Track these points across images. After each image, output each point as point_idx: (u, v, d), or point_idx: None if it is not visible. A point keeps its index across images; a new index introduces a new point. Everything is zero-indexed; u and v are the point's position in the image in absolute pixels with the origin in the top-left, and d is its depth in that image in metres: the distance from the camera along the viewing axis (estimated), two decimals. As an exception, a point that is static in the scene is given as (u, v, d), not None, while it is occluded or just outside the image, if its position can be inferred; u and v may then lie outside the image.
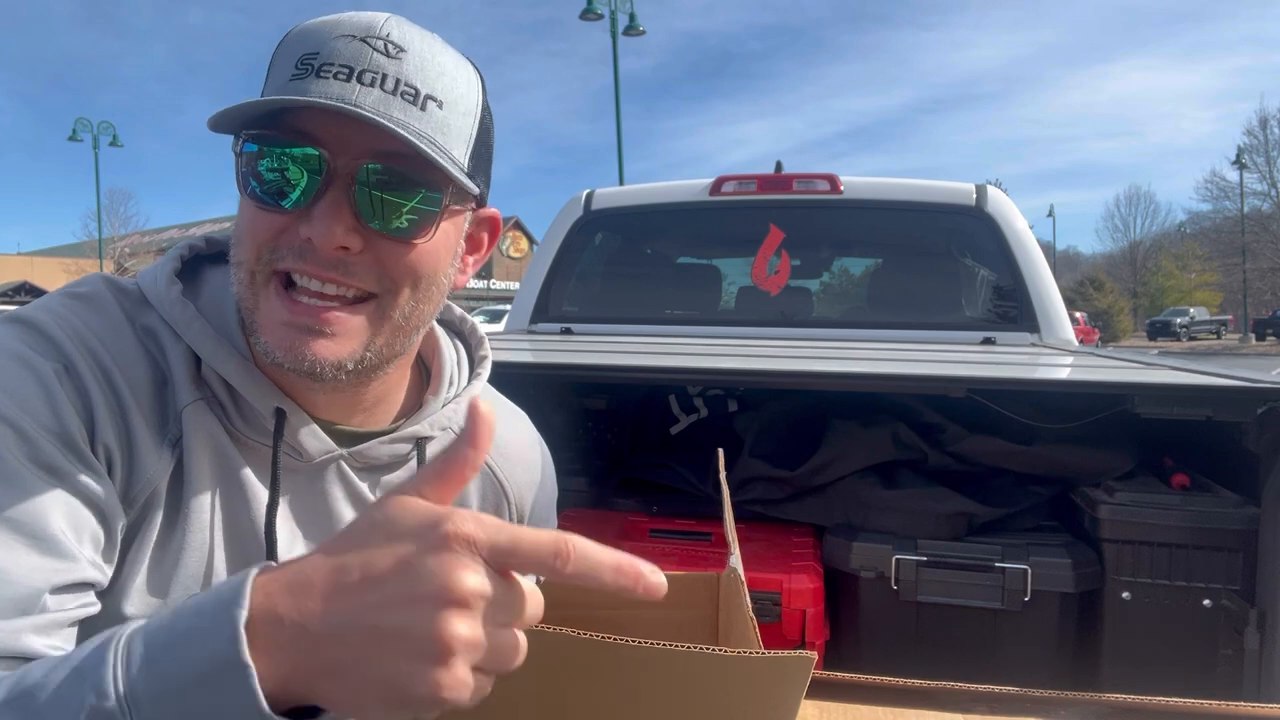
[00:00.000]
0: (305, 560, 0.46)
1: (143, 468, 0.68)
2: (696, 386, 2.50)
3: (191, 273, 0.78)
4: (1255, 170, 38.63)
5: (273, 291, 0.67)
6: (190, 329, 0.71)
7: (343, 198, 0.65)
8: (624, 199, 3.24)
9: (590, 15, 16.06)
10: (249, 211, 0.68)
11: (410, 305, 0.71)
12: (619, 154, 16.52)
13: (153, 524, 0.69)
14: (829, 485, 2.01)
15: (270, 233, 0.67)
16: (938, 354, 2.25)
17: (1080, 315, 29.63)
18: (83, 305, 0.70)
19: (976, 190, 2.92)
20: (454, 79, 0.69)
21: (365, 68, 0.64)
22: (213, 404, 0.72)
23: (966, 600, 1.74)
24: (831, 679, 1.04)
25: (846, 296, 4.01)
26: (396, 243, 0.68)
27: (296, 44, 0.67)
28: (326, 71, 0.64)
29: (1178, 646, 1.62)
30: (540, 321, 3.08)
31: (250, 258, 0.68)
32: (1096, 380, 1.68)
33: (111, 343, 0.69)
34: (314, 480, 0.77)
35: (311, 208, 0.65)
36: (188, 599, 0.49)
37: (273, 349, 0.68)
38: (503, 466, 0.91)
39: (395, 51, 0.66)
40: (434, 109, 0.67)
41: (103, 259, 34.00)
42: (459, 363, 0.89)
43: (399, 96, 0.65)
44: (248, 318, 0.70)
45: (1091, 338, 26.67)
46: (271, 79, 0.68)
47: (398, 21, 0.68)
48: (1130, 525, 1.66)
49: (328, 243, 0.65)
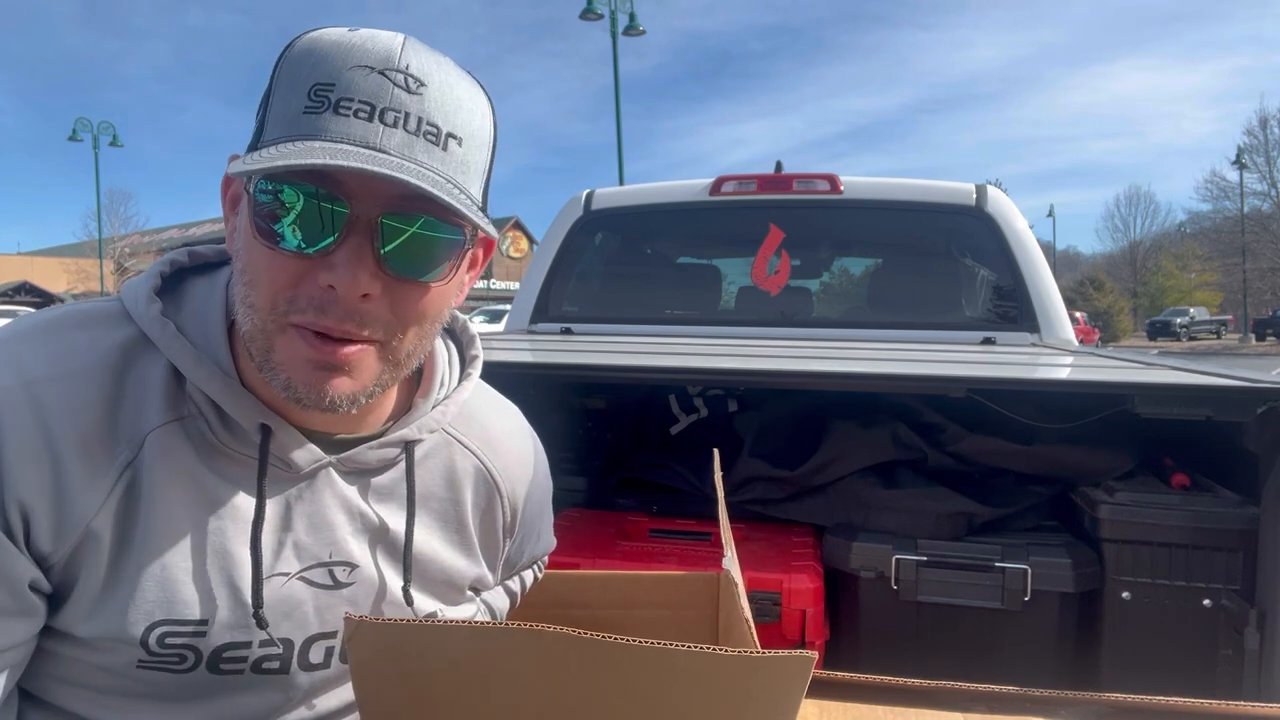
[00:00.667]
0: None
1: (75, 503, 0.66)
2: (696, 386, 2.50)
3: (173, 287, 0.77)
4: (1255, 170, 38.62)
5: (292, 335, 0.67)
6: (171, 348, 0.71)
7: (365, 244, 0.64)
8: (624, 199, 3.24)
9: (590, 15, 16.06)
10: (265, 255, 0.65)
11: (414, 343, 0.72)
12: (619, 154, 16.53)
13: (98, 555, 0.68)
14: (829, 485, 2.01)
15: (288, 279, 0.65)
16: (938, 354, 2.25)
17: (1080, 315, 29.61)
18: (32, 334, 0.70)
19: (976, 190, 2.92)
20: (471, 111, 0.68)
21: (387, 105, 0.63)
22: (194, 421, 0.71)
23: (966, 600, 1.74)
24: (831, 679, 1.04)
25: (846, 296, 4.01)
26: (414, 285, 0.68)
27: (307, 68, 0.65)
28: (345, 108, 0.62)
29: (1178, 646, 1.62)
30: (540, 321, 3.08)
31: (265, 305, 0.66)
32: (1096, 380, 1.68)
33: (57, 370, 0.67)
34: (303, 488, 0.76)
35: (331, 255, 0.64)
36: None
37: (296, 386, 0.67)
38: (494, 460, 0.90)
39: (416, 86, 0.64)
40: (454, 147, 0.66)
41: (103, 259, 33.98)
42: (450, 362, 0.89)
43: (422, 137, 0.64)
44: (260, 356, 0.68)
45: (1091, 338, 26.66)
46: (278, 101, 0.66)
47: (413, 47, 0.66)
48: (1130, 525, 1.66)
49: (352, 291, 0.64)
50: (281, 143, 0.63)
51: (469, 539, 0.89)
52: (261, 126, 0.67)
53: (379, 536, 0.81)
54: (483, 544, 0.90)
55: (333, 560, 0.78)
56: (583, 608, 1.11)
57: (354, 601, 0.79)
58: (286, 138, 0.63)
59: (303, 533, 0.76)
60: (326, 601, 0.78)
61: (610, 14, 16.32)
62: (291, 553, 0.76)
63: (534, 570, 1.08)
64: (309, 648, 0.78)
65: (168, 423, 0.70)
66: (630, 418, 2.53)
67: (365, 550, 0.80)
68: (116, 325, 0.72)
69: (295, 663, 0.77)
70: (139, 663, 0.70)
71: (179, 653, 0.71)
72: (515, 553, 0.97)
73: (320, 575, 0.77)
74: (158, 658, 0.70)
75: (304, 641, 0.77)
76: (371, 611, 0.81)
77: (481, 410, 0.91)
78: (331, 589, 0.78)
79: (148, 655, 0.70)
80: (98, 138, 31.42)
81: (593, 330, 2.97)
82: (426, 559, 0.84)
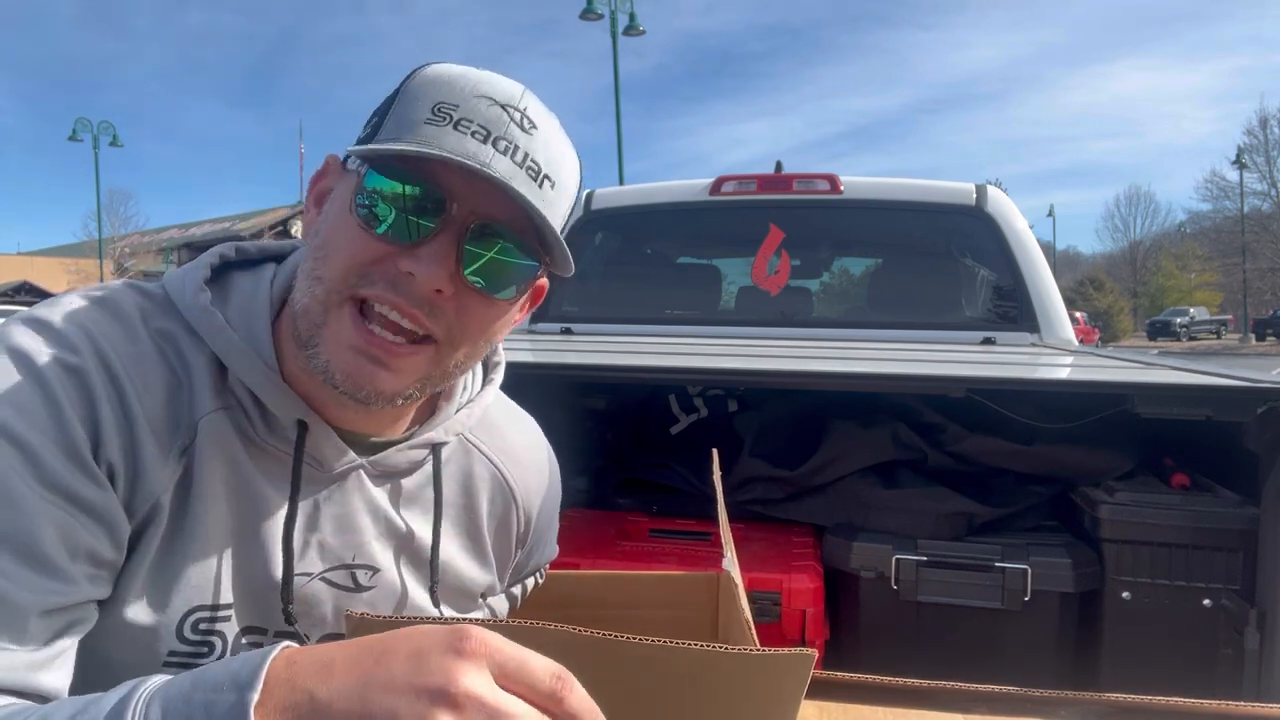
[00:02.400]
0: (334, 645, 0.49)
1: (147, 479, 0.68)
2: (696, 386, 2.50)
3: (220, 280, 0.79)
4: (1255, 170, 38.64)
5: (346, 314, 0.69)
6: (218, 339, 0.72)
7: (451, 244, 0.68)
8: (624, 199, 3.24)
9: (590, 15, 16.07)
10: (352, 233, 0.68)
11: (464, 357, 0.74)
12: (619, 154, 16.53)
13: (155, 534, 0.69)
14: (829, 485, 2.01)
15: (369, 258, 0.68)
16: (938, 354, 2.25)
17: (1080, 315, 29.61)
18: (100, 310, 0.71)
19: (976, 190, 2.92)
20: (566, 165, 0.74)
21: (501, 135, 0.68)
22: (234, 412, 0.73)
23: (966, 600, 1.74)
24: (831, 679, 1.04)
25: (846, 296, 4.02)
26: (483, 298, 0.71)
27: (433, 89, 0.69)
28: (464, 127, 0.67)
29: (1178, 646, 1.62)
30: (540, 321, 3.08)
31: (336, 277, 0.68)
32: (1096, 380, 1.68)
33: (125, 351, 0.69)
34: (333, 489, 0.77)
35: (419, 247, 0.67)
36: (207, 666, 0.51)
37: (334, 370, 0.69)
38: (512, 470, 0.91)
39: (529, 127, 0.69)
40: (548, 188, 0.71)
41: (103, 259, 34.01)
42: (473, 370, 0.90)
43: (524, 170, 0.68)
44: (309, 329, 0.70)
45: (1091, 338, 26.66)
46: (398, 112, 0.69)
47: (533, 98, 0.71)
48: (1130, 525, 1.66)
49: (430, 283, 0.67)
50: (399, 142, 0.67)
51: (483, 547, 0.90)
52: (376, 129, 0.70)
53: (404, 542, 0.82)
54: (496, 552, 0.91)
55: (355, 563, 0.79)
56: (583, 608, 1.11)
57: (373, 605, 0.80)
58: (405, 140, 0.67)
59: (329, 534, 0.77)
60: (346, 603, 0.78)
61: (610, 14, 16.33)
62: (316, 553, 0.77)
63: (536, 577, 1.09)
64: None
65: (215, 410, 0.72)
66: (630, 418, 2.53)
67: (389, 555, 0.81)
68: (162, 313, 0.74)
69: None
70: (169, 656, 0.71)
71: (208, 641, 0.72)
72: (523, 560, 0.98)
73: (342, 577, 0.78)
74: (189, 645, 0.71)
75: (319, 640, 0.78)
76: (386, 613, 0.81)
77: (501, 420, 0.93)
78: (352, 591, 0.79)
79: (180, 644, 0.71)
80: (98, 138, 31.45)
81: (593, 330, 2.97)
82: (444, 565, 0.85)
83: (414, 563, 0.83)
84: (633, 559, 1.79)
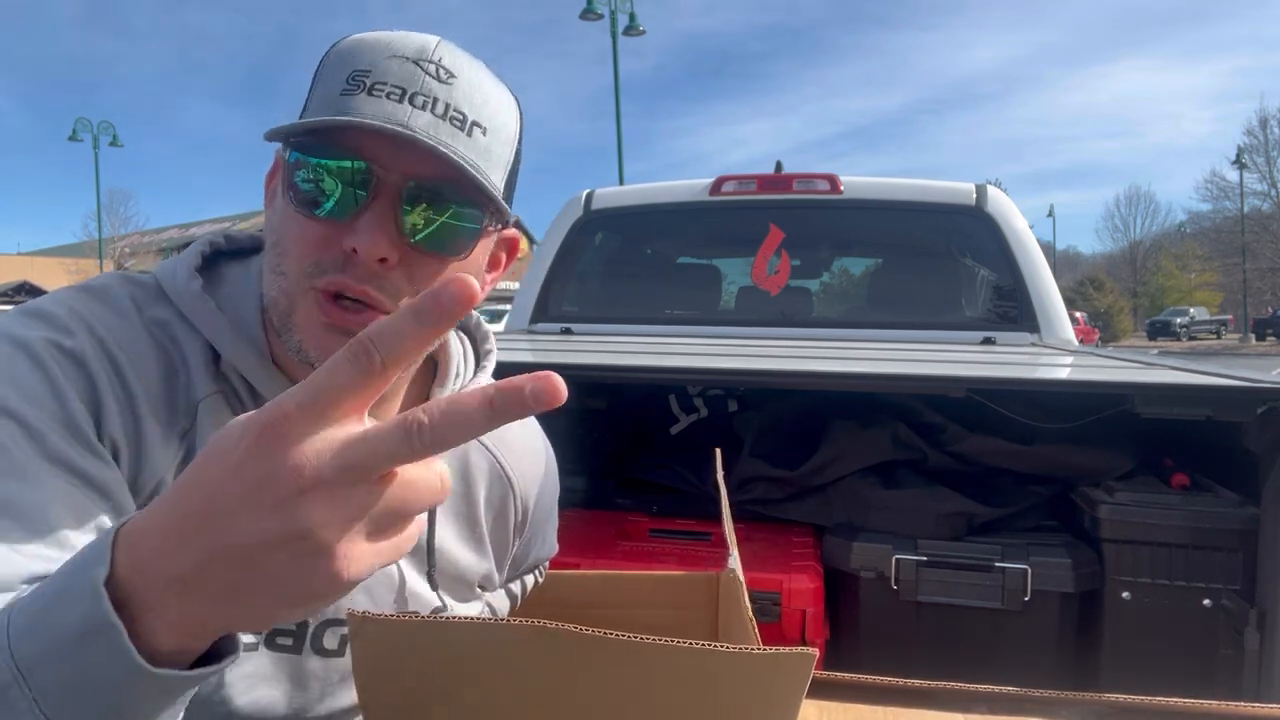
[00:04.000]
0: (155, 503, 0.43)
1: (151, 459, 0.68)
2: (696, 386, 2.50)
3: (210, 269, 0.80)
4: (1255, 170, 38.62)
5: (313, 299, 0.69)
6: (211, 324, 0.73)
7: (388, 211, 0.67)
8: (624, 199, 3.24)
9: (590, 15, 16.06)
10: (293, 220, 0.69)
11: None
12: (619, 154, 16.53)
13: None
14: (829, 485, 2.01)
15: (314, 243, 0.68)
16: (938, 354, 2.25)
17: (1080, 315, 29.61)
18: (92, 297, 0.71)
19: (976, 190, 2.92)
20: (498, 107, 0.72)
21: (417, 90, 0.67)
22: (230, 397, 0.73)
23: (966, 600, 1.74)
24: (831, 679, 1.04)
25: (846, 296, 4.01)
26: (433, 259, 0.70)
27: (347, 59, 0.69)
28: (379, 90, 0.66)
29: (1178, 646, 1.62)
30: (540, 321, 3.08)
31: (293, 270, 0.69)
32: (1096, 380, 1.68)
33: (120, 334, 0.69)
34: None
35: (356, 220, 0.67)
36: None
37: (309, 349, 0.69)
38: (508, 458, 0.91)
39: (446, 77, 0.68)
40: (479, 135, 0.69)
41: (103, 259, 33.99)
42: (465, 356, 0.90)
43: (448, 121, 0.67)
44: (280, 319, 0.70)
45: (1091, 338, 26.66)
46: (318, 89, 0.70)
47: (448, 47, 0.70)
48: (1130, 525, 1.66)
49: (371, 252, 0.66)
50: (318, 118, 0.67)
51: (480, 535, 0.90)
52: (301, 113, 0.70)
53: None
54: (494, 541, 0.91)
55: None
56: (583, 608, 1.11)
57: (370, 590, 0.80)
58: (323, 115, 0.67)
59: None
60: None
61: (610, 14, 16.33)
62: None
63: (535, 574, 1.09)
64: (323, 631, 0.79)
65: (212, 394, 0.72)
66: (630, 418, 2.53)
67: None
68: (155, 302, 0.74)
69: (308, 643, 0.78)
70: None
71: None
72: (521, 553, 0.98)
73: None
74: None
75: (318, 624, 0.78)
76: (385, 603, 0.81)
77: None
78: None
79: None
80: (98, 138, 31.43)
81: (593, 330, 2.97)
82: (441, 552, 0.85)
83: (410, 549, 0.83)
84: (633, 559, 1.79)
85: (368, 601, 0.80)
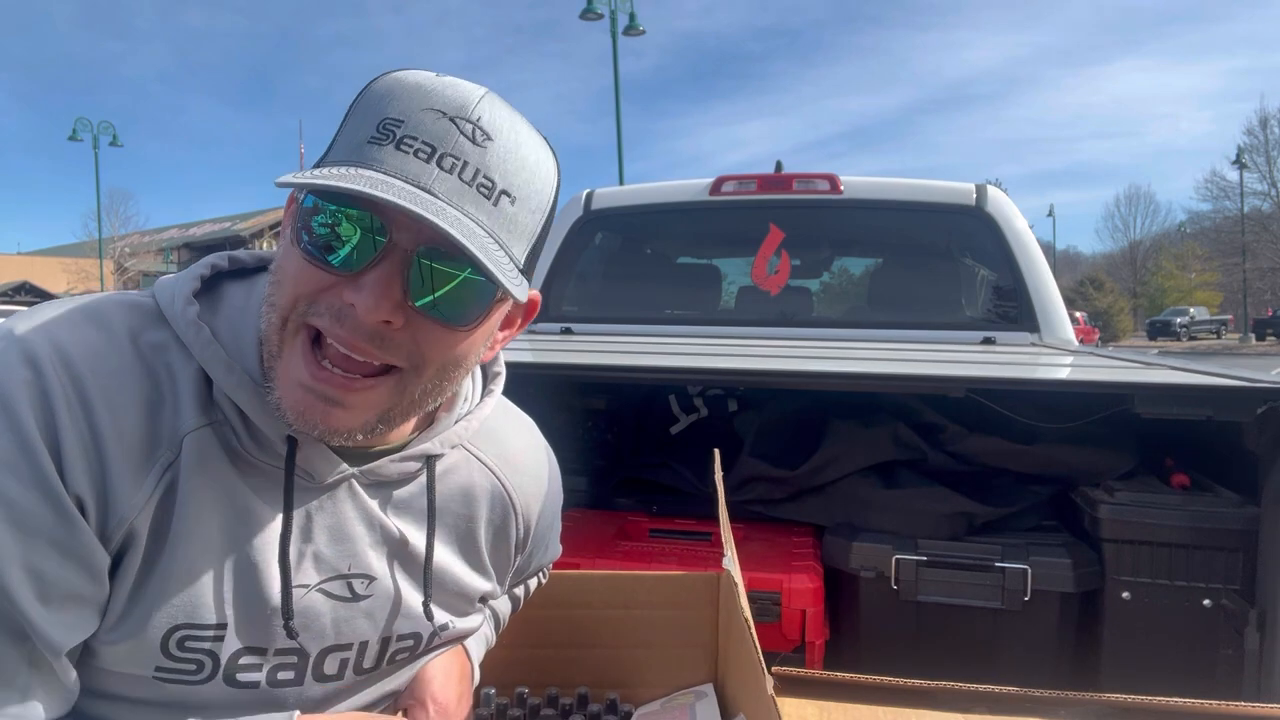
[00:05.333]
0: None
1: (118, 505, 0.66)
2: (696, 386, 2.50)
3: (212, 290, 0.77)
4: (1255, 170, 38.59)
5: (299, 345, 0.67)
6: (205, 353, 0.70)
7: (396, 272, 0.64)
8: (624, 199, 3.24)
9: (590, 15, 16.06)
10: (297, 262, 0.66)
11: (433, 383, 0.71)
12: (619, 154, 16.53)
13: (135, 555, 0.68)
14: (829, 485, 2.01)
15: (313, 287, 0.65)
16: (938, 354, 2.25)
17: (1080, 315, 29.61)
18: (81, 319, 0.69)
19: (976, 190, 2.92)
20: (533, 173, 0.68)
21: (448, 151, 0.64)
22: (221, 427, 0.71)
23: (966, 600, 1.74)
24: (831, 679, 1.04)
25: (846, 296, 4.01)
26: (438, 326, 0.67)
27: (382, 103, 0.66)
28: (408, 145, 0.63)
29: (1178, 646, 1.62)
30: (540, 321, 3.08)
31: (286, 304, 0.66)
32: (1096, 380, 1.68)
33: (100, 363, 0.67)
34: (325, 499, 0.76)
35: (361, 275, 0.64)
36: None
37: (285, 409, 0.67)
38: (511, 478, 0.91)
39: (482, 139, 0.65)
40: (505, 204, 0.66)
41: (103, 259, 33.98)
42: (473, 378, 0.89)
43: (475, 188, 0.64)
44: (269, 360, 0.69)
45: (1091, 338, 26.66)
46: (348, 130, 0.67)
47: (490, 102, 0.67)
48: (1130, 525, 1.66)
49: (373, 315, 0.64)
50: (340, 165, 0.64)
51: (480, 555, 0.89)
52: (329, 148, 0.68)
53: (398, 550, 0.81)
54: (493, 560, 0.91)
55: (351, 573, 0.78)
56: (583, 608, 1.11)
57: (370, 614, 0.80)
58: (346, 162, 0.64)
59: (323, 545, 0.76)
60: (344, 614, 0.78)
61: (610, 14, 16.32)
62: (311, 564, 0.76)
63: (539, 577, 1.09)
64: (324, 659, 0.78)
65: (201, 427, 0.70)
66: (630, 418, 2.53)
67: (384, 563, 0.80)
68: (152, 325, 0.72)
69: (310, 673, 0.78)
70: (156, 671, 0.70)
71: (197, 659, 0.71)
72: (524, 563, 0.98)
73: (338, 588, 0.77)
74: (176, 662, 0.70)
75: (319, 653, 0.78)
76: (387, 623, 0.81)
77: (500, 428, 0.92)
78: (349, 601, 0.78)
79: (166, 660, 0.70)
80: (98, 138, 31.43)
81: (593, 330, 2.97)
82: (442, 572, 0.85)
83: (409, 570, 0.82)
84: (633, 559, 1.79)
85: (370, 625, 0.80)
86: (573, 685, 1.08)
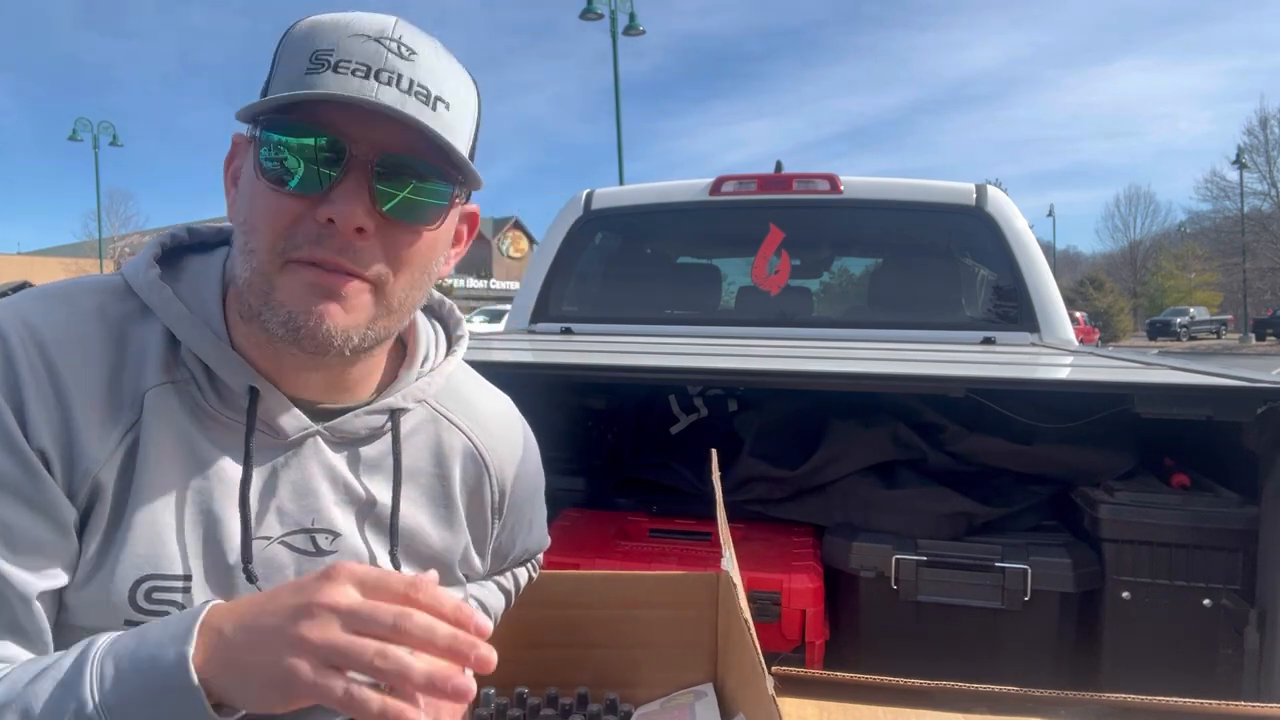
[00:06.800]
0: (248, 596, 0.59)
1: (81, 459, 0.69)
2: (696, 386, 2.50)
3: (172, 261, 0.81)
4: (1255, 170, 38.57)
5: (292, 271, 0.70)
6: (166, 310, 0.74)
7: (361, 183, 0.69)
8: (624, 199, 3.24)
9: (590, 15, 16.06)
10: (265, 198, 0.70)
11: (406, 291, 0.75)
12: (619, 154, 16.53)
13: (102, 510, 0.71)
14: (829, 485, 2.01)
15: (288, 218, 0.69)
16: (938, 354, 2.25)
17: (1080, 315, 29.60)
18: (46, 295, 0.73)
19: (976, 190, 2.92)
20: (458, 83, 0.74)
21: (382, 67, 0.68)
22: (185, 385, 0.74)
23: (966, 600, 1.74)
24: (831, 679, 1.04)
25: (846, 296, 4.02)
26: (406, 229, 0.72)
27: (307, 40, 0.70)
28: (344, 68, 0.68)
29: (1178, 646, 1.62)
30: (540, 321, 3.08)
31: (265, 245, 0.70)
32: (1096, 380, 1.68)
33: (62, 332, 0.70)
34: (290, 455, 0.78)
35: (330, 192, 0.68)
36: (148, 625, 0.63)
37: (296, 315, 0.69)
38: (483, 439, 0.92)
39: (408, 54, 0.70)
40: (443, 110, 0.71)
41: (103, 259, 33.98)
42: (435, 341, 0.91)
43: (413, 96, 0.69)
44: (259, 299, 0.71)
45: (1091, 338, 26.65)
46: (281, 71, 0.70)
47: (406, 25, 0.72)
48: (1130, 525, 1.66)
49: (348, 223, 0.68)
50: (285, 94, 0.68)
51: (456, 515, 0.90)
52: (264, 94, 0.71)
53: (365, 508, 0.82)
54: (471, 522, 0.92)
55: (315, 527, 0.80)
56: (583, 608, 1.11)
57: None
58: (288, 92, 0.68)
59: (286, 499, 0.78)
60: (308, 567, 0.79)
61: (610, 14, 16.32)
62: (274, 517, 0.77)
63: (528, 569, 1.09)
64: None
65: (162, 384, 0.73)
66: (630, 418, 2.53)
67: (350, 520, 0.82)
68: (119, 298, 0.76)
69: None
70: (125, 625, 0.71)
71: (163, 610, 0.72)
72: (506, 541, 0.98)
73: (302, 541, 0.79)
74: (145, 615, 0.71)
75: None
76: None
77: (470, 391, 0.94)
78: (314, 555, 0.80)
79: (135, 614, 0.71)
80: (98, 138, 31.46)
81: (593, 330, 2.97)
82: (412, 532, 0.86)
83: (377, 528, 0.84)
84: (633, 559, 1.79)
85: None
86: (572, 685, 1.08)
